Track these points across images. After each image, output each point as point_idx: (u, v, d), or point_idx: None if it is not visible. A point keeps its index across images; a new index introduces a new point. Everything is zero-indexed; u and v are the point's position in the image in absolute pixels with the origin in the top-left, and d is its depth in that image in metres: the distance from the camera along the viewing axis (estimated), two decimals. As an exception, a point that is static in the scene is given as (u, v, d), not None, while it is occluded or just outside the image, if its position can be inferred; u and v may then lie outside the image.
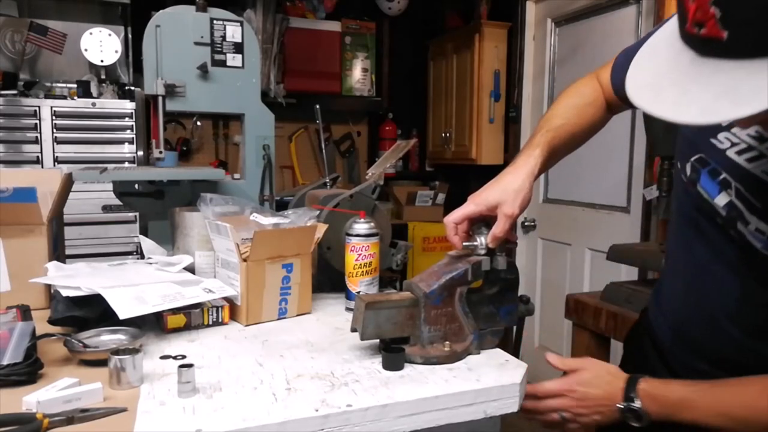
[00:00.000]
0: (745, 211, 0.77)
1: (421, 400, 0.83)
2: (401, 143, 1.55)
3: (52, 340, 0.94)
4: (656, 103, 0.62)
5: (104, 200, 3.01)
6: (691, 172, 0.86)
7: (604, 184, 2.91)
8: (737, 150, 0.79)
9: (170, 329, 1.08)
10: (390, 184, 4.04)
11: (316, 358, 0.98)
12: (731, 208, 0.79)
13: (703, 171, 0.83)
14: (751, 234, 0.76)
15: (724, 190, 0.80)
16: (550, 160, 1.03)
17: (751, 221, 0.76)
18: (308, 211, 1.29)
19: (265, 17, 3.64)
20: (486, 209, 0.97)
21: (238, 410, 0.77)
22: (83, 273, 1.17)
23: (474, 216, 0.98)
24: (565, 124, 1.06)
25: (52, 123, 3.00)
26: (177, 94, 1.84)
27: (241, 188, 1.95)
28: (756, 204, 0.76)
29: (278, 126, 2.14)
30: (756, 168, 0.76)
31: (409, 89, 4.28)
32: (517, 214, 0.96)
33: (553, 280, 3.27)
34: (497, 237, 0.97)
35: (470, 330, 0.98)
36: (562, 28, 3.22)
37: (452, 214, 0.99)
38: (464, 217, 0.98)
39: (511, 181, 0.97)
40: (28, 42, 3.12)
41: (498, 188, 0.98)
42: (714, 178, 0.81)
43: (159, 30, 1.81)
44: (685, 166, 0.87)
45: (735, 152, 0.79)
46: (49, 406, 0.74)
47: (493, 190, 0.98)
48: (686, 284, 0.92)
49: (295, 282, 1.20)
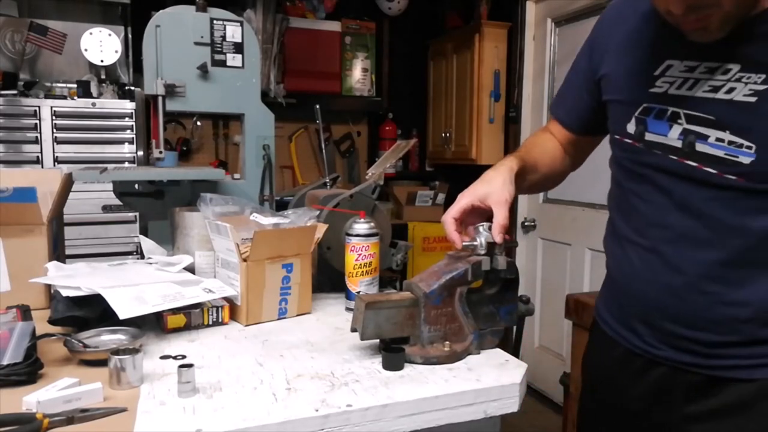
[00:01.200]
0: (700, 128, 0.85)
1: (421, 400, 0.83)
2: (401, 143, 1.55)
3: (52, 340, 0.94)
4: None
5: (104, 200, 3.01)
6: (636, 126, 0.93)
7: (604, 184, 2.90)
8: (676, 86, 0.88)
9: (170, 329, 1.08)
10: (390, 184, 4.04)
11: (316, 358, 0.98)
12: (686, 134, 0.86)
13: (649, 118, 0.91)
14: (712, 146, 0.84)
15: (674, 122, 0.88)
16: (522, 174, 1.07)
17: (710, 134, 0.84)
18: (308, 211, 1.29)
19: (265, 17, 3.64)
20: (478, 200, 1.00)
21: (238, 410, 0.77)
22: (83, 273, 1.17)
23: (468, 208, 1.00)
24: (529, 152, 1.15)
25: (52, 123, 2.99)
26: (177, 94, 1.84)
27: (241, 188, 1.95)
28: (710, 117, 0.84)
29: (278, 126, 2.14)
30: (697, 91, 0.85)
31: (409, 89, 4.28)
32: (509, 200, 0.99)
33: (553, 280, 3.27)
34: (502, 224, 0.98)
35: (470, 330, 0.98)
36: (562, 28, 3.22)
37: (449, 211, 1.01)
38: (461, 210, 1.00)
39: (494, 176, 1.02)
40: (28, 42, 3.12)
41: (484, 183, 1.02)
42: (661, 118, 0.89)
43: (159, 30, 1.81)
44: (626, 127, 0.94)
45: (675, 88, 0.88)
46: (49, 406, 0.74)
47: (480, 184, 1.02)
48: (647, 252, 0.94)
49: (295, 282, 1.20)
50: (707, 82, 0.84)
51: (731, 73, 0.82)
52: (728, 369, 0.88)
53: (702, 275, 0.87)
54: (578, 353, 1.93)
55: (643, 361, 0.97)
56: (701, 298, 0.87)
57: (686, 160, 0.87)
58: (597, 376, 1.10)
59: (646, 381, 0.97)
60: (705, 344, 0.89)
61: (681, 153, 0.87)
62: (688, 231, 0.88)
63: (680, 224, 0.89)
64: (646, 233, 0.94)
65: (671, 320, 0.91)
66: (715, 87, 0.83)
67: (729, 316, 0.86)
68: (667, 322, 0.92)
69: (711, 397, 0.90)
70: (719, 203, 0.85)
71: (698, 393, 0.91)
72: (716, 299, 0.87)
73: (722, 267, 0.86)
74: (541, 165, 1.14)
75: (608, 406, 1.05)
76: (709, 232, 0.86)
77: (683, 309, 0.90)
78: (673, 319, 0.91)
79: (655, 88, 0.90)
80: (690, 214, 0.87)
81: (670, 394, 0.94)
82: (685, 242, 0.88)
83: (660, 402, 0.96)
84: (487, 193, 0.99)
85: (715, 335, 0.88)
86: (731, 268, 0.85)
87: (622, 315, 1.01)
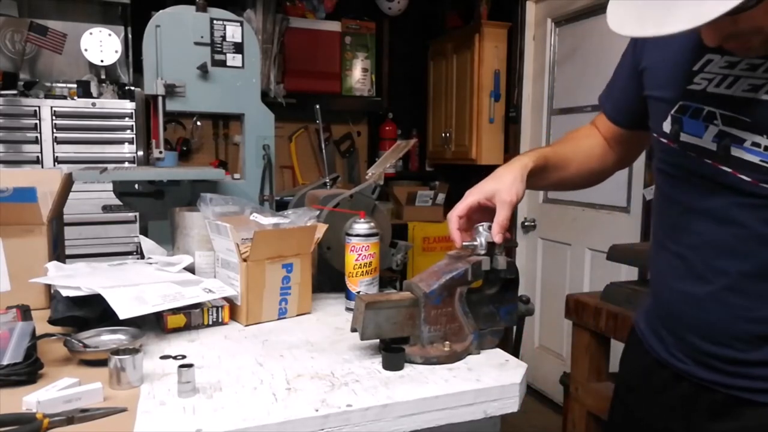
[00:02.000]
0: (736, 131, 0.79)
1: (421, 400, 0.83)
2: (401, 143, 1.55)
3: (52, 340, 0.94)
4: (642, 27, 0.68)
5: (104, 200, 3.01)
6: (672, 125, 0.88)
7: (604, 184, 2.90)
8: (715, 83, 0.82)
9: (170, 329, 1.08)
10: (390, 184, 4.04)
11: (316, 358, 0.98)
12: (722, 137, 0.81)
13: (685, 117, 0.86)
14: (748, 150, 0.78)
15: (710, 123, 0.82)
16: (544, 172, 1.05)
17: (746, 137, 0.78)
18: (308, 211, 1.29)
19: (265, 17, 3.64)
20: (484, 197, 0.99)
21: (238, 410, 0.77)
22: (83, 273, 1.17)
23: (475, 206, 1.00)
24: (559, 147, 1.11)
25: (52, 123, 2.99)
26: (177, 94, 1.84)
27: (241, 188, 1.95)
28: (746, 119, 0.78)
29: (278, 126, 2.14)
30: (736, 90, 0.80)
31: (409, 89, 4.28)
32: (514, 201, 0.97)
33: (553, 280, 3.27)
34: (502, 224, 0.97)
35: (470, 330, 0.98)
36: (562, 28, 3.22)
37: (455, 208, 1.00)
38: (467, 208, 1.00)
39: (504, 174, 1.00)
40: (28, 42, 3.12)
41: (493, 180, 1.00)
42: (697, 117, 0.84)
43: (159, 30, 1.81)
44: (662, 126, 0.89)
45: (714, 86, 0.82)
46: (49, 406, 0.74)
47: (489, 181, 1.01)
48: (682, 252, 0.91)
49: (295, 282, 1.20)
50: (747, 80, 0.78)
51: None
52: (752, 392, 0.84)
53: (725, 286, 0.83)
54: (578, 353, 1.93)
55: (669, 373, 0.94)
56: (724, 310, 0.84)
57: (721, 165, 0.81)
58: (627, 382, 1.08)
59: (670, 395, 0.94)
60: (727, 361, 0.85)
61: (716, 157, 0.82)
62: (715, 238, 0.84)
63: (708, 230, 0.85)
64: (675, 237, 0.91)
65: (693, 332, 0.88)
66: (755, 86, 0.78)
67: (752, 334, 0.82)
68: (690, 334, 0.89)
69: (733, 418, 0.86)
70: (751, 212, 0.80)
71: (721, 412, 0.87)
72: (739, 314, 0.83)
73: (747, 279, 0.81)
74: (572, 162, 1.10)
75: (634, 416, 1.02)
76: (737, 241, 0.82)
77: (705, 321, 0.86)
78: (695, 331, 0.88)
79: (693, 85, 0.85)
80: (719, 221, 0.83)
81: (694, 412, 0.91)
82: (711, 250, 0.84)
83: (684, 418, 0.93)
84: (495, 190, 0.98)
85: (737, 352, 0.84)
86: (756, 280, 0.81)
87: (652, 321, 0.99)
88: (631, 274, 2.48)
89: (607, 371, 1.91)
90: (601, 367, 1.90)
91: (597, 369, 1.89)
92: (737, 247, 0.82)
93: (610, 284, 1.87)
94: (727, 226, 0.83)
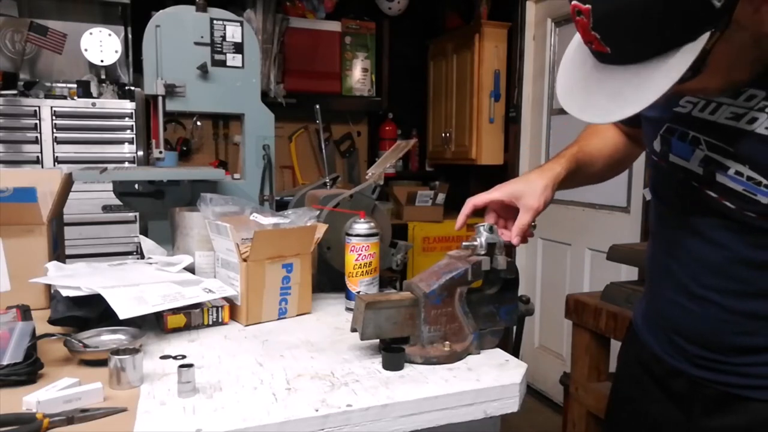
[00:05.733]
0: (720, 158, 0.80)
1: (421, 400, 0.83)
2: (401, 143, 1.55)
3: (52, 340, 0.94)
4: (569, 105, 0.75)
5: (104, 200, 3.01)
6: (661, 145, 0.89)
7: (604, 185, 2.89)
8: (699, 108, 0.83)
9: (170, 329, 1.08)
10: (390, 184, 4.04)
11: (316, 358, 0.98)
12: (707, 163, 0.82)
13: (673, 139, 0.87)
14: (731, 179, 0.79)
15: (696, 147, 0.83)
16: (575, 175, 1.06)
17: (730, 165, 0.79)
18: (308, 211, 1.29)
19: (265, 17, 3.64)
20: (509, 198, 1.00)
21: (238, 410, 0.77)
22: (83, 273, 1.17)
23: (496, 202, 1.00)
24: (585, 144, 1.11)
25: (52, 123, 2.99)
26: (177, 94, 1.84)
27: (241, 188, 1.95)
28: (729, 149, 0.79)
29: (278, 126, 2.14)
30: (720, 117, 0.80)
31: (409, 89, 4.28)
32: (540, 209, 0.98)
33: (553, 280, 3.27)
34: (522, 228, 0.98)
35: (470, 330, 0.98)
36: (562, 28, 3.22)
37: (477, 197, 1.01)
38: (488, 201, 1.00)
39: (537, 179, 1.01)
40: (28, 42, 3.12)
41: (524, 182, 1.01)
42: (684, 140, 0.85)
43: (159, 30, 1.81)
44: (653, 144, 0.91)
45: (698, 110, 0.83)
46: (49, 406, 0.74)
47: (520, 182, 1.01)
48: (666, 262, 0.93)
49: (295, 282, 1.20)
50: (730, 108, 0.79)
51: (755, 101, 0.76)
52: (744, 388, 0.86)
53: (713, 302, 0.85)
54: (578, 353, 1.93)
55: (665, 368, 0.95)
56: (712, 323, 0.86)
57: (707, 190, 0.83)
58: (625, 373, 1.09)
59: (667, 389, 0.96)
60: (721, 362, 0.87)
61: (702, 181, 0.83)
62: (702, 257, 0.85)
63: (696, 249, 0.86)
64: (666, 249, 0.92)
65: (682, 336, 0.90)
66: (737, 114, 0.78)
67: (741, 344, 0.84)
68: (679, 337, 0.91)
69: (728, 414, 0.88)
70: (737, 236, 0.81)
71: (716, 408, 0.89)
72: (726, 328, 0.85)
73: (733, 298, 0.83)
74: (600, 156, 1.11)
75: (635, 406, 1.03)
76: (725, 262, 0.83)
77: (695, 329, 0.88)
78: (684, 336, 0.90)
79: (679, 107, 0.85)
80: (707, 241, 0.85)
81: (691, 406, 0.92)
82: (700, 268, 0.86)
83: (681, 412, 0.94)
84: (523, 193, 0.99)
85: (726, 357, 0.86)
86: (744, 300, 0.83)
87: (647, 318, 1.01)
88: (631, 274, 2.48)
89: (607, 371, 1.91)
90: (601, 367, 1.90)
91: (597, 369, 1.90)
92: (724, 268, 0.83)
93: (610, 284, 1.87)
94: (714, 247, 0.84)
